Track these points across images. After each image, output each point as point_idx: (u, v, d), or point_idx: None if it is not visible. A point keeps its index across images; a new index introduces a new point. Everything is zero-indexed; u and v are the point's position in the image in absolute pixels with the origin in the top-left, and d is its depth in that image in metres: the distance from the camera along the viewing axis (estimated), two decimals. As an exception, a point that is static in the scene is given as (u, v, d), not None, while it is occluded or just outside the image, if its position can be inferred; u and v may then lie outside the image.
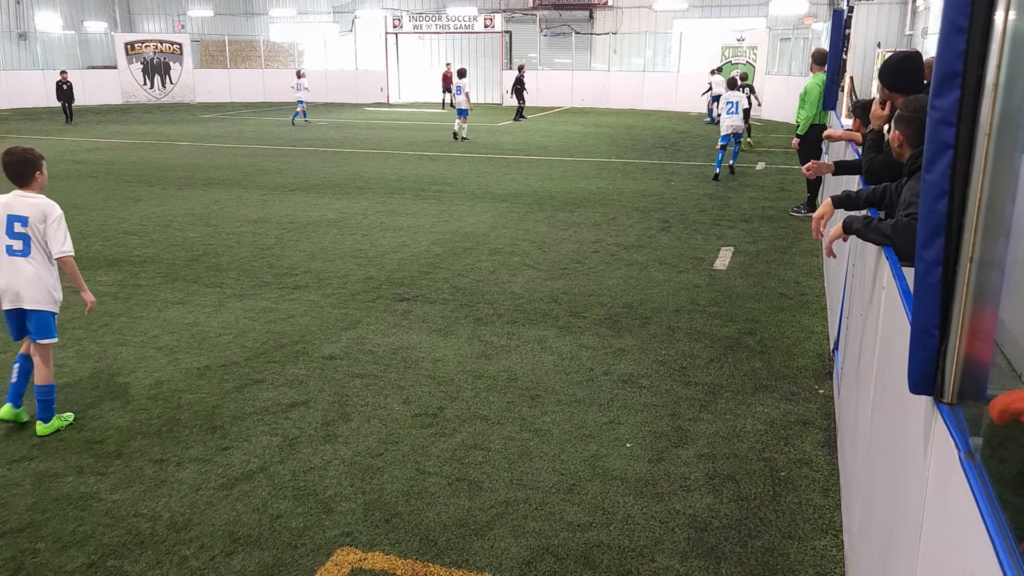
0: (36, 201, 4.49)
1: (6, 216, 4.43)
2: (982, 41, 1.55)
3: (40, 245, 4.48)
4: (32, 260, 4.46)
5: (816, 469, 4.19)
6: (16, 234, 4.43)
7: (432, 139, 20.27)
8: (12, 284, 4.45)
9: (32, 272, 4.46)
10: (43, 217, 4.47)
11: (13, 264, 4.44)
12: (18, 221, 4.42)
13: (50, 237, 4.49)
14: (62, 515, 3.76)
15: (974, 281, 1.62)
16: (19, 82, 30.73)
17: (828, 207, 3.86)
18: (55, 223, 4.49)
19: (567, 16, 35.48)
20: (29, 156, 4.52)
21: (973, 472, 1.46)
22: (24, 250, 4.45)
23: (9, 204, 4.45)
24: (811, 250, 8.79)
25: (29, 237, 4.44)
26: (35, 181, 4.54)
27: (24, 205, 4.45)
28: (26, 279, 4.45)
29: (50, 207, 4.51)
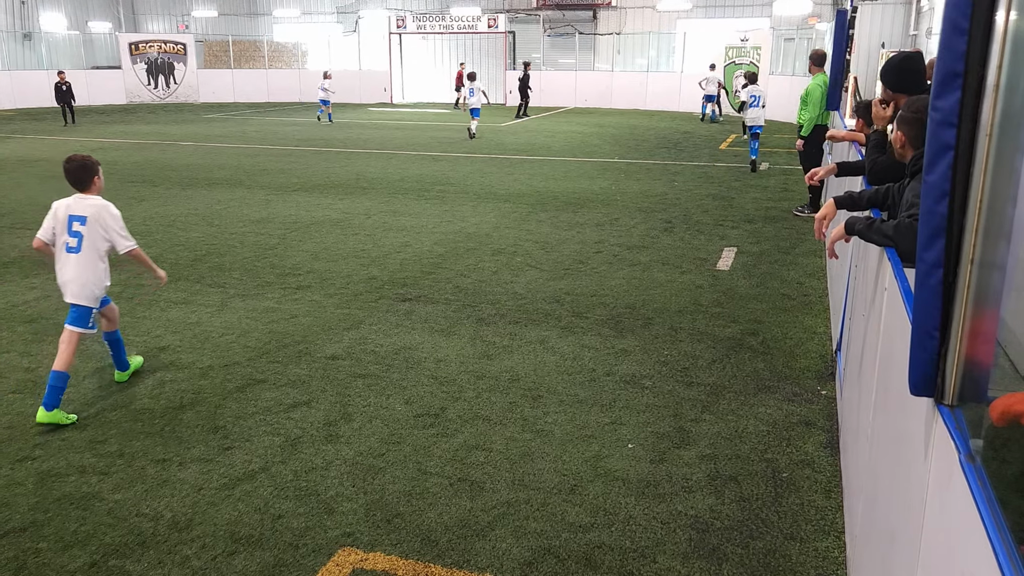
0: (94, 202, 4.93)
1: (67, 216, 4.87)
2: (983, 42, 1.55)
3: (92, 244, 4.88)
4: (81, 258, 4.86)
5: (818, 470, 4.18)
6: (74, 232, 4.86)
7: (435, 139, 20.28)
8: (70, 279, 4.89)
9: (79, 270, 4.86)
10: (100, 217, 4.90)
11: (68, 260, 4.88)
12: (77, 220, 4.86)
13: (113, 238, 4.95)
14: (64, 515, 3.76)
15: (975, 283, 1.62)
16: (24, 82, 30.80)
17: (830, 208, 3.86)
18: (114, 222, 4.95)
19: (571, 16, 35.48)
20: (87, 163, 4.97)
21: (973, 474, 1.45)
22: (77, 247, 4.85)
23: (71, 206, 4.90)
24: (814, 251, 8.78)
25: (83, 236, 4.86)
26: (93, 185, 4.98)
27: (84, 206, 4.89)
28: (74, 275, 4.86)
29: (106, 208, 4.96)
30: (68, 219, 4.86)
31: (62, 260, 4.89)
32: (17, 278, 7.70)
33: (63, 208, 4.89)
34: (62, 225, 4.88)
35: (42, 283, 7.52)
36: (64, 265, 4.88)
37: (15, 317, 6.56)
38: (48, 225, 4.90)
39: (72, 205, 4.89)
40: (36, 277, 7.71)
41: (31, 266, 8.13)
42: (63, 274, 4.89)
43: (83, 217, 4.84)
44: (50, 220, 4.90)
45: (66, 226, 4.87)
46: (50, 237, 4.90)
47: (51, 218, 4.90)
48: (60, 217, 4.88)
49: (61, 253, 4.89)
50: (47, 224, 4.90)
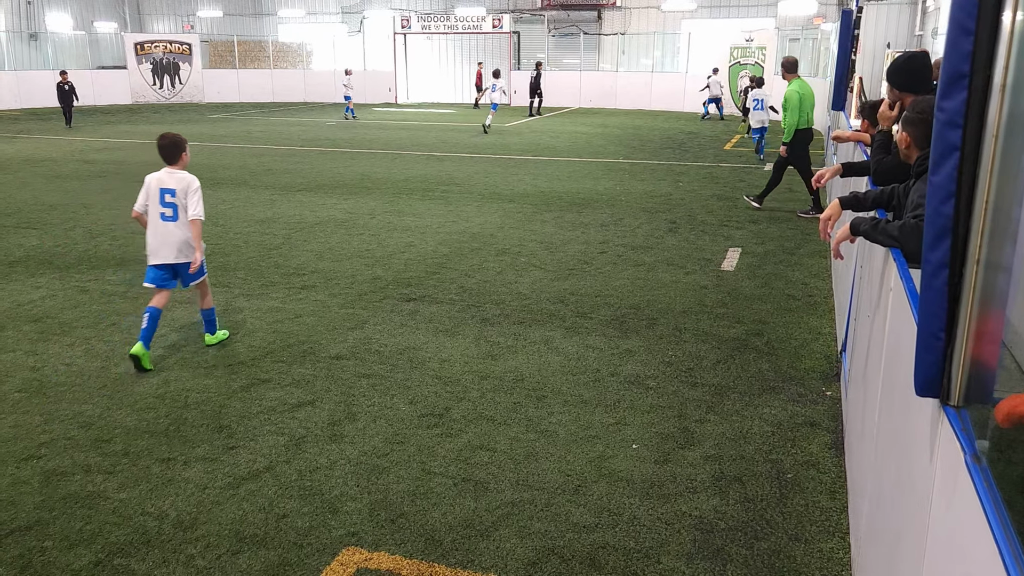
0: (182, 176, 5.53)
1: (159, 189, 5.47)
2: (989, 42, 1.55)
3: (183, 210, 5.50)
4: (179, 224, 5.51)
5: (823, 471, 4.17)
6: (167, 203, 5.48)
7: (440, 139, 20.29)
8: (165, 243, 5.50)
9: (179, 234, 5.51)
10: (186, 189, 5.49)
11: (165, 227, 5.49)
12: (168, 193, 5.47)
13: (189, 203, 5.49)
14: (69, 513, 3.77)
15: (980, 283, 1.61)
16: (30, 82, 30.89)
17: (835, 208, 3.85)
18: (195, 193, 5.52)
19: (575, 16, 35.48)
20: (178, 140, 5.56)
21: (979, 475, 1.45)
22: (173, 216, 5.49)
23: (162, 179, 5.49)
24: (819, 251, 8.77)
25: (176, 206, 5.48)
26: (181, 160, 5.57)
27: (173, 180, 5.49)
28: (176, 239, 5.50)
29: (192, 180, 5.53)
30: (160, 191, 5.47)
31: (158, 227, 5.50)
32: (23, 277, 7.72)
33: (155, 181, 5.50)
34: (154, 197, 5.48)
35: (48, 282, 7.54)
36: (162, 232, 5.50)
37: (21, 316, 6.58)
38: (142, 198, 5.52)
39: (163, 179, 5.49)
40: (42, 276, 7.74)
41: (36, 265, 8.15)
42: (161, 239, 5.50)
43: (173, 190, 5.47)
44: (143, 193, 5.51)
45: (159, 198, 5.47)
46: (143, 207, 5.53)
47: (144, 191, 5.52)
48: (152, 189, 5.49)
49: (156, 221, 5.49)
50: (141, 197, 5.52)
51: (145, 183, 5.52)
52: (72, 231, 9.77)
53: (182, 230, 5.51)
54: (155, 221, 5.50)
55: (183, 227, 5.51)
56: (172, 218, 5.49)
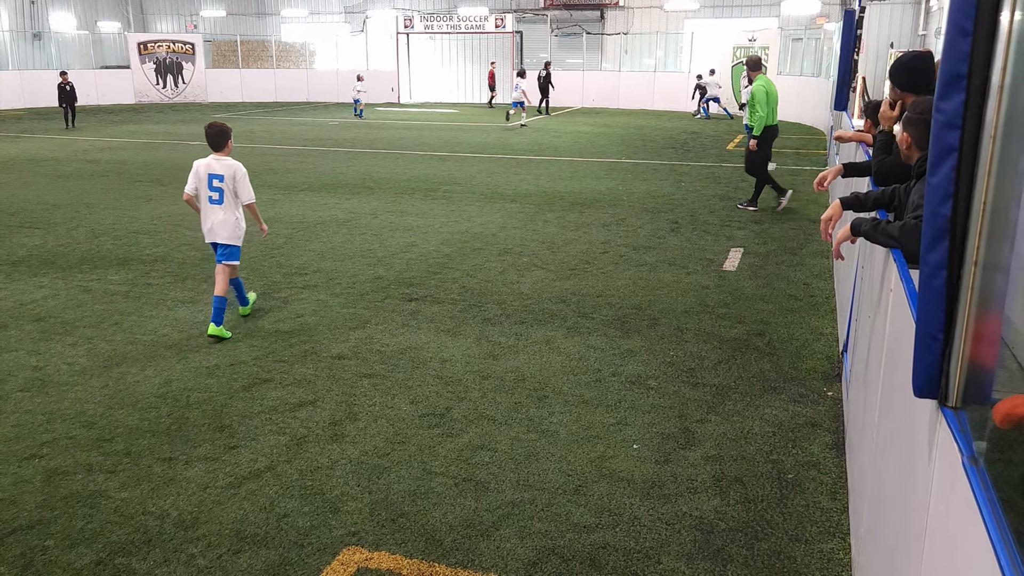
0: (229, 162, 5.99)
1: (208, 174, 5.95)
2: (987, 43, 1.54)
3: (230, 195, 5.97)
4: (224, 207, 5.99)
5: (824, 472, 4.17)
6: (215, 188, 5.95)
7: (442, 139, 20.30)
8: (215, 224, 6.01)
9: (224, 216, 6.00)
10: (233, 174, 5.96)
11: (213, 210, 5.99)
12: (216, 178, 5.94)
13: (239, 189, 5.99)
14: (71, 512, 3.78)
15: (978, 285, 1.61)
16: (33, 82, 30.94)
17: (836, 209, 3.85)
18: (243, 179, 6.00)
19: (578, 16, 35.47)
20: (225, 129, 6.05)
21: (976, 477, 1.45)
22: (219, 199, 5.97)
23: (210, 165, 5.97)
24: (821, 251, 8.76)
25: (223, 191, 5.96)
26: (227, 147, 6.04)
27: (220, 166, 5.96)
28: (220, 221, 6.00)
29: (238, 166, 6.01)
30: (208, 177, 5.95)
31: (208, 210, 6.01)
32: (26, 276, 7.74)
33: (204, 167, 5.96)
34: (203, 182, 5.96)
35: (50, 282, 7.56)
36: (211, 214, 6.00)
37: (23, 315, 6.60)
38: (192, 182, 5.99)
39: (212, 164, 5.96)
40: (44, 276, 7.75)
41: (39, 265, 8.17)
42: (210, 222, 6.02)
43: (221, 175, 5.93)
44: (193, 178, 5.99)
45: (207, 182, 5.94)
46: (194, 191, 6.00)
47: (193, 176, 5.99)
48: (201, 175, 5.96)
49: (206, 204, 5.99)
50: (191, 181, 5.99)
51: (194, 168, 5.98)
52: (75, 231, 9.79)
53: (227, 213, 6.00)
54: (204, 204, 6.03)
55: (228, 210, 6.00)
56: (218, 202, 5.98)
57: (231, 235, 6.05)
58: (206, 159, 6.01)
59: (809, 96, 24.43)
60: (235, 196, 6.01)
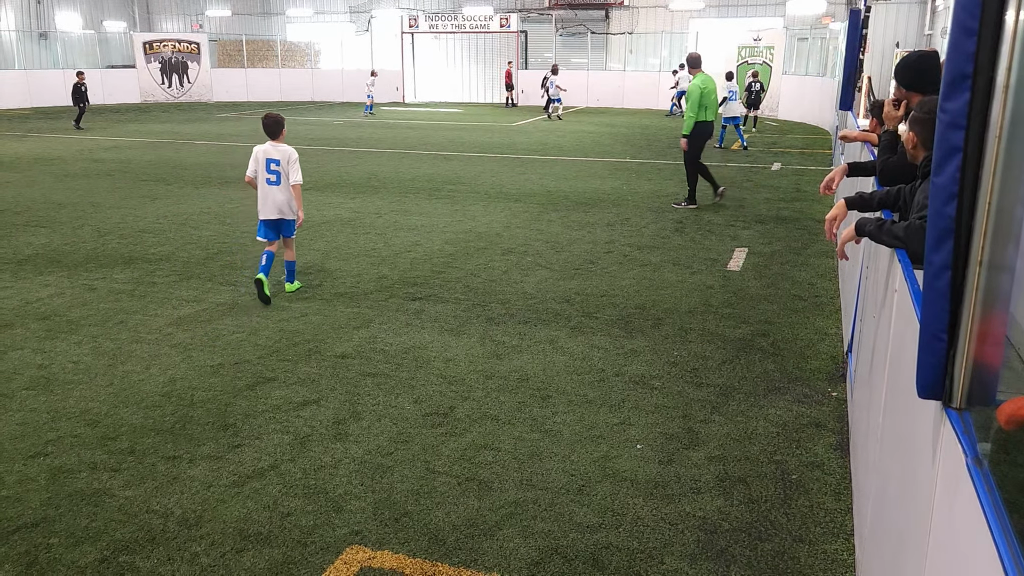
0: (283, 148, 6.83)
1: (266, 159, 6.78)
2: (992, 43, 1.54)
3: (285, 176, 6.80)
4: (280, 187, 6.82)
5: (828, 472, 4.16)
6: (272, 171, 6.78)
7: (447, 139, 20.31)
8: (270, 203, 6.85)
9: (281, 195, 6.85)
10: (287, 158, 6.80)
11: (271, 190, 6.83)
12: (273, 162, 6.78)
13: (290, 171, 6.80)
14: (75, 510, 3.79)
15: (983, 285, 1.61)
16: (40, 81, 31.04)
17: (841, 208, 3.83)
18: (295, 162, 6.83)
19: (583, 16, 35.45)
20: (280, 119, 6.91)
21: (980, 478, 1.44)
22: (276, 181, 6.80)
23: (267, 151, 6.80)
24: (826, 252, 8.74)
25: (280, 173, 6.78)
26: (281, 135, 6.85)
27: (276, 151, 6.80)
28: (279, 199, 6.85)
29: (291, 152, 6.85)
30: (266, 161, 6.79)
31: (266, 190, 6.83)
32: (31, 275, 7.76)
33: (262, 153, 6.81)
34: (262, 166, 6.79)
35: (56, 280, 7.58)
36: (269, 194, 6.84)
37: (29, 314, 6.61)
38: (252, 166, 6.83)
39: (269, 150, 6.80)
40: (50, 274, 7.77)
41: (45, 264, 8.19)
42: (268, 200, 6.86)
43: (277, 159, 6.77)
44: (253, 163, 6.83)
45: (265, 166, 6.78)
46: (253, 174, 6.84)
47: (253, 161, 6.83)
48: (260, 160, 6.80)
49: (263, 185, 6.82)
50: (251, 165, 6.83)
51: (254, 154, 6.83)
52: (80, 229, 9.82)
53: (283, 193, 6.83)
54: (262, 185, 6.83)
55: (284, 191, 6.82)
56: (275, 183, 6.79)
57: (288, 210, 6.92)
58: (264, 145, 6.83)
59: (814, 96, 24.39)
60: (289, 178, 6.85)
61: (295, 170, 6.82)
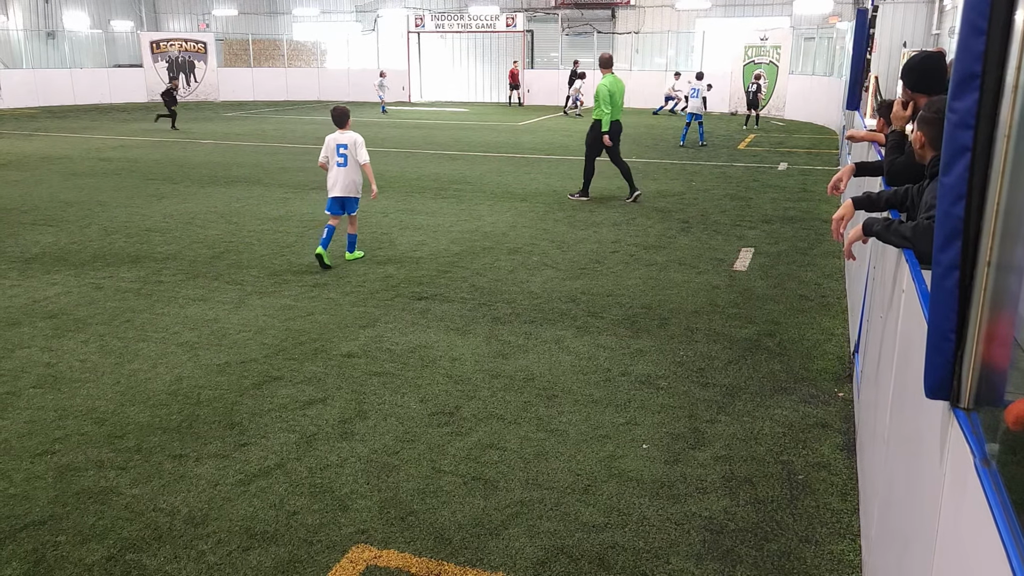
0: (351, 135, 7.96)
1: (336, 144, 7.91)
2: (1002, 42, 1.53)
3: (352, 159, 7.90)
4: (348, 169, 7.92)
5: (834, 473, 4.15)
6: (341, 154, 7.90)
7: (453, 138, 20.31)
8: (339, 182, 7.92)
9: (349, 176, 7.94)
10: (354, 142, 7.90)
11: (340, 171, 7.92)
12: (342, 147, 7.90)
13: (358, 153, 7.91)
14: (82, 508, 3.80)
15: (991, 285, 1.60)
16: (47, 81, 31.12)
17: (848, 208, 3.83)
18: (361, 146, 7.94)
19: (589, 15, 35.42)
20: (346, 110, 8.12)
21: (988, 479, 1.44)
22: (344, 163, 7.91)
23: (337, 138, 7.94)
24: (832, 252, 8.72)
25: (347, 156, 7.89)
26: (348, 124, 8.03)
27: (345, 137, 7.93)
28: (346, 179, 7.94)
29: (357, 137, 7.97)
30: (336, 146, 7.89)
31: (335, 172, 7.91)
32: (39, 274, 7.79)
33: (333, 140, 7.93)
34: (332, 151, 7.92)
35: (63, 279, 7.61)
36: (337, 174, 7.91)
37: (36, 312, 6.64)
38: (324, 152, 7.99)
39: (338, 137, 7.91)
40: (57, 273, 7.80)
41: (52, 262, 8.22)
42: (337, 181, 7.91)
43: (345, 144, 7.89)
44: (324, 149, 7.99)
45: (335, 151, 7.89)
46: (324, 159, 7.99)
47: (325, 147, 7.98)
48: (331, 145, 7.93)
49: (334, 168, 7.92)
50: (323, 152, 8.00)
51: (326, 141, 7.96)
52: (87, 228, 9.85)
53: (349, 174, 7.90)
54: (333, 167, 7.92)
55: (350, 172, 7.90)
56: (343, 164, 7.87)
57: (353, 190, 7.96)
58: (334, 134, 7.95)
59: (821, 96, 24.32)
60: (356, 160, 7.86)
61: (362, 152, 7.88)
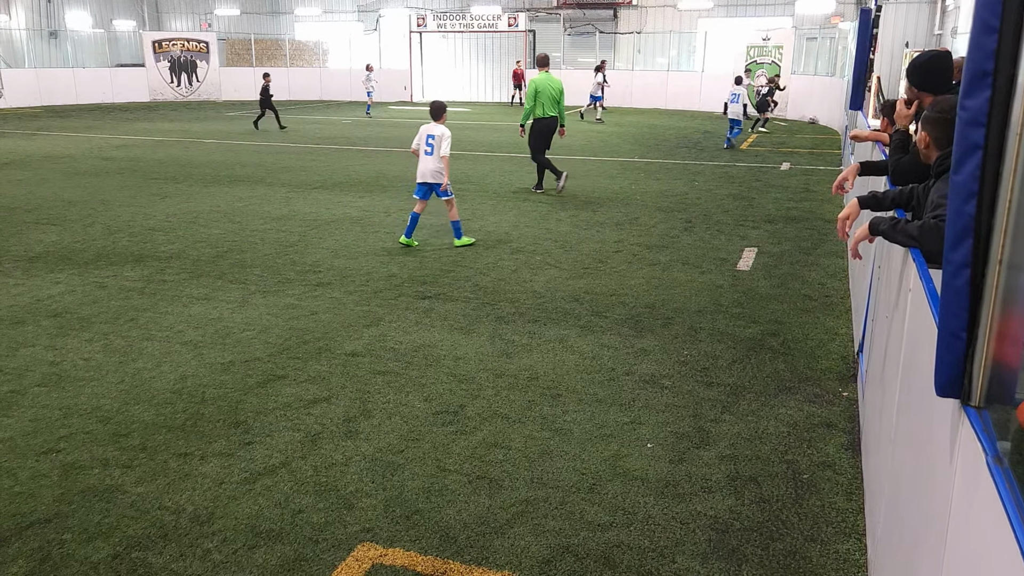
0: (441, 128, 8.59)
1: (426, 134, 8.58)
2: (1014, 40, 1.53)
3: (437, 150, 8.53)
4: (432, 159, 8.56)
5: (839, 472, 4.15)
6: (428, 144, 8.56)
7: (456, 138, 20.27)
8: (426, 170, 8.59)
9: (434, 164, 8.57)
10: (441, 135, 8.53)
11: (425, 159, 8.59)
12: (431, 137, 8.55)
13: (442, 146, 8.51)
14: (88, 507, 3.81)
15: (1003, 284, 1.60)
16: (50, 80, 31.15)
17: (854, 207, 3.82)
18: (446, 140, 8.55)
19: (591, 15, 35.42)
20: (442, 105, 8.86)
21: (1002, 477, 1.44)
22: (430, 152, 8.56)
23: (428, 129, 8.61)
24: (836, 251, 8.72)
25: (433, 146, 8.54)
26: (442, 118, 8.72)
27: (435, 130, 8.58)
28: (431, 167, 8.58)
29: (445, 130, 8.58)
30: (425, 136, 8.57)
31: (422, 159, 8.60)
32: (43, 273, 7.80)
33: (425, 130, 8.62)
34: (422, 140, 8.59)
35: (67, 278, 7.61)
36: (424, 162, 8.58)
37: (40, 311, 6.65)
38: (416, 140, 8.68)
39: (430, 128, 8.60)
40: (61, 272, 7.81)
41: (56, 261, 8.23)
42: (422, 168, 8.61)
43: (433, 135, 8.54)
44: (417, 138, 8.67)
45: (423, 140, 8.59)
46: (416, 146, 8.68)
47: (417, 136, 8.67)
48: (422, 135, 8.61)
49: (422, 156, 8.61)
50: (416, 140, 8.69)
51: (419, 131, 8.63)
52: (91, 227, 9.86)
53: (434, 163, 8.53)
54: (421, 156, 8.60)
55: (435, 161, 8.52)
56: (429, 153, 8.55)
57: (437, 176, 8.55)
58: (427, 125, 8.65)
59: (824, 95, 24.31)
60: (440, 151, 8.49)
61: (445, 145, 8.49)
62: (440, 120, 8.66)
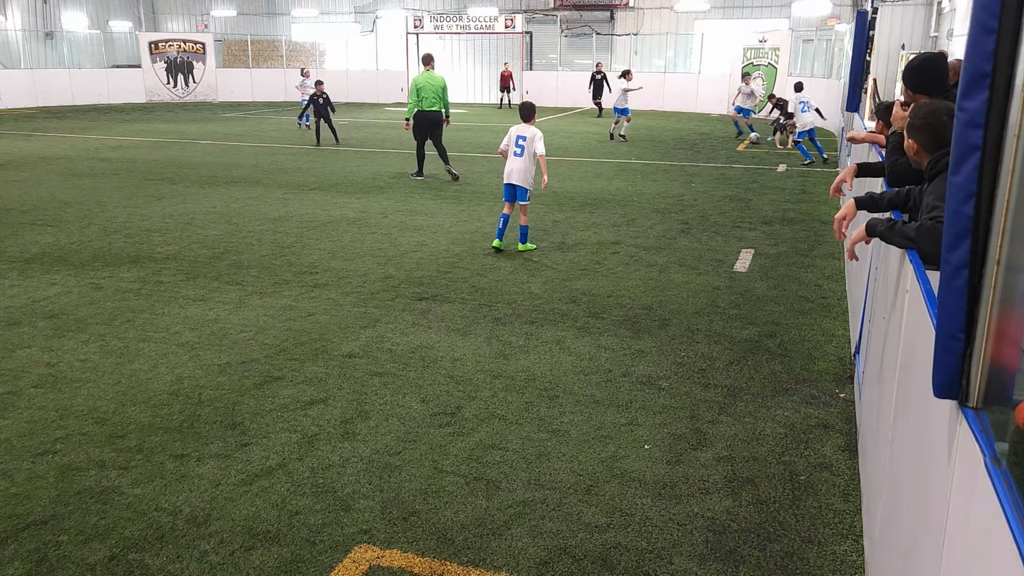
0: (532, 129, 8.50)
1: (516, 135, 8.49)
2: (1012, 42, 1.53)
3: (528, 151, 8.44)
4: (523, 159, 8.46)
5: (836, 473, 4.15)
6: (519, 145, 8.47)
7: (452, 139, 20.29)
8: (513, 170, 8.47)
9: (522, 165, 8.47)
10: (532, 136, 8.43)
11: (514, 161, 8.49)
12: (521, 138, 8.47)
13: (536, 146, 8.42)
14: (84, 508, 3.80)
15: (1001, 284, 1.60)
16: (45, 81, 31.06)
17: (851, 208, 3.83)
18: (539, 140, 8.44)
19: (588, 17, 35.43)
20: (532, 106, 8.80)
21: (1000, 478, 1.44)
22: (520, 153, 8.47)
23: (519, 130, 8.54)
24: (832, 253, 8.73)
25: (524, 147, 8.44)
26: (532, 119, 8.65)
27: (526, 131, 8.49)
28: (519, 168, 8.47)
29: (537, 131, 8.47)
30: (516, 137, 8.48)
31: (511, 161, 8.50)
32: (39, 274, 7.78)
33: (515, 131, 8.54)
34: (512, 140, 8.50)
35: (63, 279, 7.59)
36: (513, 163, 8.48)
37: (36, 312, 6.63)
38: (505, 141, 8.60)
39: (520, 130, 8.52)
40: (57, 273, 7.79)
41: (52, 262, 8.21)
42: (510, 169, 8.50)
43: (524, 136, 8.45)
44: (506, 139, 8.59)
45: (514, 141, 8.50)
46: (505, 147, 8.59)
47: (507, 137, 8.58)
48: (512, 135, 8.52)
49: (511, 157, 8.51)
50: (504, 140, 8.60)
51: (508, 132, 8.56)
52: (87, 228, 9.84)
53: (523, 164, 8.43)
54: (510, 157, 8.51)
55: (524, 162, 8.43)
56: (519, 155, 8.45)
57: (524, 179, 8.45)
58: (517, 125, 8.58)
59: (820, 97, 24.30)
60: (530, 152, 8.40)
61: (539, 145, 8.38)
62: (531, 121, 8.58)
